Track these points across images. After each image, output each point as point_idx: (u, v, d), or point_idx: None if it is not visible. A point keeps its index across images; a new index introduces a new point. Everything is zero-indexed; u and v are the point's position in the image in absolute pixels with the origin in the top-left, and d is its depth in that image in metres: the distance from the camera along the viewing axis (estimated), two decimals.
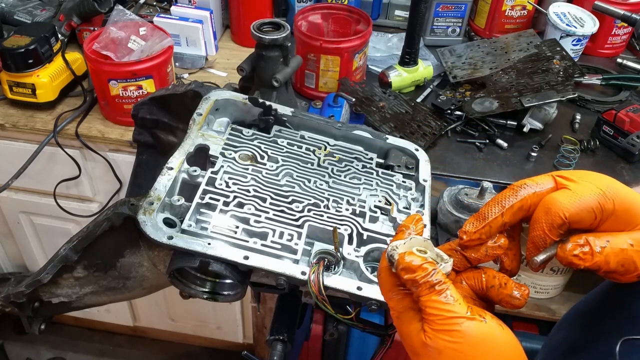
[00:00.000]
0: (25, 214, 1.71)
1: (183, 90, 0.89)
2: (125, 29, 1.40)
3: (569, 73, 1.37)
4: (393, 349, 0.84)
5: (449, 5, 1.64)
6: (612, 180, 0.54)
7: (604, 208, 0.51)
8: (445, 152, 1.33)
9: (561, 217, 0.51)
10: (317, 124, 0.88)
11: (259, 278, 0.74)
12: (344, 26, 1.51)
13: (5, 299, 0.79)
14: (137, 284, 0.82)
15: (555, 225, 0.51)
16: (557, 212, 0.51)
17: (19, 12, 1.60)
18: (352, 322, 0.71)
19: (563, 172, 0.55)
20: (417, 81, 1.51)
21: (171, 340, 2.26)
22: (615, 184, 0.53)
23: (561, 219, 0.51)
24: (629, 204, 0.52)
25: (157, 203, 0.69)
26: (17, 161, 1.40)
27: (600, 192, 0.52)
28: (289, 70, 1.17)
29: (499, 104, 1.34)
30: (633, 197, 0.53)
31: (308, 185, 0.78)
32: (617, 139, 1.32)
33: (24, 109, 1.44)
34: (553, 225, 0.51)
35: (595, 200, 0.51)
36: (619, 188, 0.53)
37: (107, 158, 1.46)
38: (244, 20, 1.66)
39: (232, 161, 0.79)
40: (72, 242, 0.73)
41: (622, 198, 0.52)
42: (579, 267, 0.51)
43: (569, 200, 0.51)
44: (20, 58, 1.33)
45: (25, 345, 2.22)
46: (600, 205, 0.51)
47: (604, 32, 1.65)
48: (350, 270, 0.70)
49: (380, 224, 0.76)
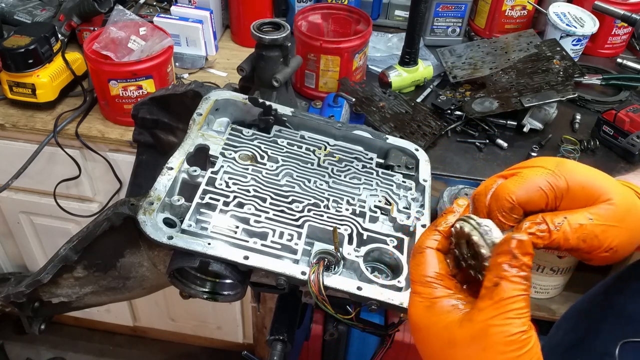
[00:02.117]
0: (25, 214, 1.71)
1: (183, 90, 0.89)
2: (125, 29, 1.40)
3: (569, 73, 1.37)
4: (393, 349, 0.84)
5: (449, 5, 1.64)
6: (564, 160, 0.54)
7: (555, 186, 0.51)
8: (445, 152, 1.33)
9: (509, 200, 0.51)
10: (317, 124, 0.88)
11: (259, 278, 0.74)
12: (344, 26, 1.51)
13: (5, 299, 0.79)
14: (137, 284, 0.82)
15: (505, 209, 0.51)
16: (504, 196, 0.51)
17: (19, 12, 1.60)
18: (352, 322, 0.71)
19: (519, 164, 0.55)
20: (417, 81, 1.51)
21: (171, 340, 2.26)
22: (567, 163, 0.53)
23: (509, 202, 0.51)
24: (584, 180, 0.52)
25: (157, 203, 0.69)
26: (17, 161, 1.40)
27: (548, 172, 0.52)
28: (289, 70, 1.17)
29: (499, 104, 1.34)
30: (588, 173, 0.53)
31: (308, 185, 0.78)
32: (617, 139, 1.32)
33: (24, 109, 1.44)
34: (504, 210, 0.51)
35: (543, 180, 0.51)
36: (572, 166, 0.53)
37: (107, 158, 1.46)
38: (244, 20, 1.66)
39: (232, 161, 0.79)
40: (72, 242, 0.73)
41: (575, 175, 0.52)
42: (537, 246, 0.50)
43: (515, 184, 0.51)
44: (20, 58, 1.33)
45: (25, 345, 2.22)
46: (550, 184, 0.51)
47: (604, 32, 1.65)
48: (350, 270, 0.70)
49: (380, 224, 0.76)
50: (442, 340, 0.45)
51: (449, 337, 0.45)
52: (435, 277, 0.48)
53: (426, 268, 0.49)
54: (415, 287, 0.49)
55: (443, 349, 0.45)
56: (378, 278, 0.67)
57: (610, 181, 0.53)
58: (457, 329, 0.44)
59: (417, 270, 0.49)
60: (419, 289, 0.48)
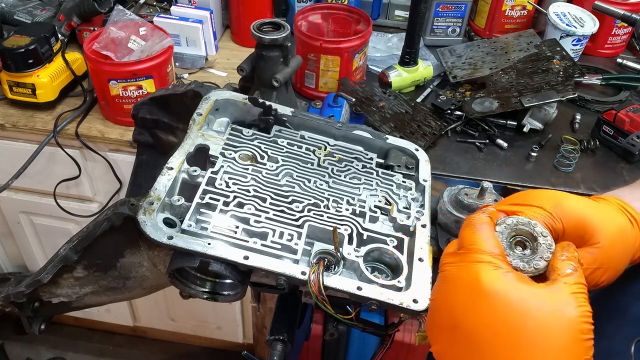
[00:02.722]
0: (25, 214, 1.71)
1: (183, 90, 0.89)
2: (125, 29, 1.40)
3: (569, 73, 1.37)
4: (393, 349, 0.84)
5: (449, 5, 1.64)
6: (560, 199, 0.57)
7: (553, 229, 0.55)
8: (445, 152, 1.33)
9: None
10: (317, 124, 0.88)
11: (259, 278, 0.74)
12: (344, 26, 1.51)
13: (5, 299, 0.79)
14: (137, 284, 0.82)
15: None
16: None
17: (19, 12, 1.60)
18: (352, 322, 0.71)
19: (515, 196, 0.59)
20: (417, 81, 1.51)
21: (171, 340, 2.26)
22: (563, 202, 0.57)
23: None
24: (578, 221, 0.56)
25: (157, 203, 0.69)
26: (17, 161, 1.40)
27: (547, 215, 0.55)
28: (289, 70, 1.17)
29: (499, 104, 1.34)
30: (581, 212, 0.56)
31: (308, 185, 0.78)
32: (617, 139, 1.32)
33: (24, 109, 1.44)
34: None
35: (542, 222, 0.55)
36: (567, 206, 0.56)
37: (107, 158, 1.46)
38: (244, 20, 1.66)
39: (232, 161, 0.79)
40: (72, 242, 0.73)
41: (570, 216, 0.56)
42: None
43: None
44: (20, 58, 1.33)
45: (25, 345, 2.22)
46: (548, 227, 0.55)
47: (604, 32, 1.65)
48: (350, 270, 0.70)
49: (380, 224, 0.76)
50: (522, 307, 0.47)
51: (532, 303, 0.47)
52: (501, 252, 0.51)
53: (493, 242, 0.52)
54: (483, 256, 0.50)
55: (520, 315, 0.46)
56: (378, 278, 0.67)
57: (601, 220, 0.56)
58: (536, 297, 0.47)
59: (486, 242, 0.51)
60: (489, 259, 0.50)
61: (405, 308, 0.63)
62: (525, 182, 1.27)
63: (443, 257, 0.55)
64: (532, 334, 0.45)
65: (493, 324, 0.47)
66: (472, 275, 0.49)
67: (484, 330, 0.47)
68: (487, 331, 0.47)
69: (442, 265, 0.54)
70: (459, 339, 0.49)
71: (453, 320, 0.50)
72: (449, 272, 0.52)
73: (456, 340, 0.49)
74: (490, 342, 0.47)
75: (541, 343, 0.45)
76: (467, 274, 0.50)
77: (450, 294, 0.51)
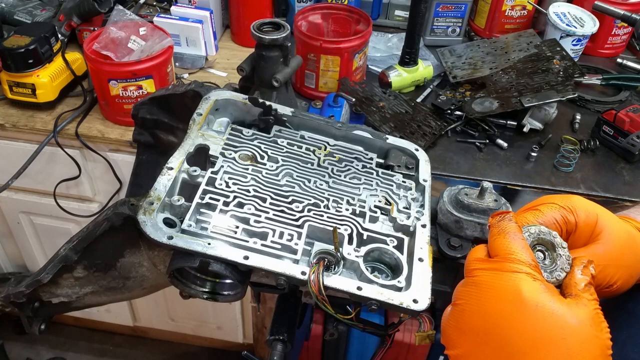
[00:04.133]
0: (25, 214, 1.71)
1: (183, 90, 0.89)
2: (125, 29, 1.40)
3: (569, 73, 1.37)
4: (393, 349, 0.85)
5: (449, 5, 1.64)
6: (571, 196, 0.61)
7: (568, 221, 0.58)
8: (445, 152, 1.33)
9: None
10: (317, 124, 0.88)
11: (259, 278, 0.74)
12: (344, 26, 1.51)
13: (5, 299, 0.79)
14: (137, 284, 0.82)
15: None
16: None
17: (19, 12, 1.60)
18: (352, 322, 0.71)
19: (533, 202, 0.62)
20: (417, 81, 1.51)
21: (171, 340, 2.26)
22: (574, 199, 0.60)
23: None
24: (588, 214, 0.58)
25: (157, 203, 0.69)
26: (17, 161, 1.40)
27: (561, 208, 0.59)
28: (289, 70, 1.17)
29: (499, 104, 1.34)
30: (592, 208, 0.59)
31: (308, 185, 0.78)
32: (617, 139, 1.32)
33: (24, 109, 1.44)
34: None
35: (558, 214, 0.58)
36: (578, 201, 0.59)
37: (107, 158, 1.46)
38: (244, 20, 1.66)
39: (232, 161, 0.79)
40: (72, 242, 0.73)
41: (581, 210, 0.59)
42: None
43: (534, 217, 0.59)
44: (20, 58, 1.33)
45: (25, 345, 2.23)
46: (563, 218, 0.58)
47: (604, 32, 1.65)
48: (350, 270, 0.70)
49: (380, 224, 0.76)
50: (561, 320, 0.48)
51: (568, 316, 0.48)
52: (535, 263, 0.52)
53: (529, 253, 0.53)
54: (522, 267, 0.51)
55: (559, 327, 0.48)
56: (378, 278, 0.67)
57: (611, 219, 0.59)
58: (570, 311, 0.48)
59: (523, 253, 0.52)
60: (528, 270, 0.51)
61: (405, 308, 0.63)
62: (525, 182, 1.27)
63: (472, 262, 0.55)
64: (568, 347, 0.47)
65: (531, 334, 0.48)
66: (512, 285, 0.50)
67: (521, 340, 0.48)
68: (524, 341, 0.48)
69: (471, 270, 0.54)
70: (490, 345, 0.49)
71: (485, 327, 0.50)
72: (483, 279, 0.52)
73: (485, 347, 0.50)
74: (526, 352, 0.48)
75: (576, 355, 0.47)
76: (506, 283, 0.51)
77: (486, 300, 0.51)
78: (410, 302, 0.63)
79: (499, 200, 0.72)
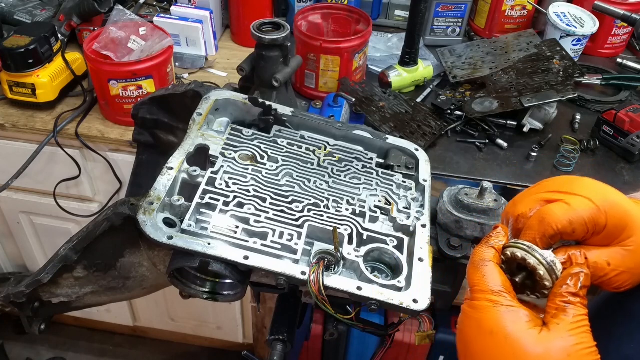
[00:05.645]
0: (25, 214, 1.71)
1: (183, 90, 0.89)
2: (125, 29, 1.40)
3: (569, 73, 1.37)
4: (393, 349, 0.85)
5: (449, 5, 1.64)
6: (607, 191, 0.55)
7: (597, 222, 0.53)
8: (445, 152, 1.33)
9: (554, 228, 0.53)
10: (317, 124, 0.88)
11: (259, 278, 0.74)
12: (344, 26, 1.51)
13: (5, 299, 0.79)
14: (137, 284, 0.82)
15: (547, 234, 0.54)
16: (550, 223, 0.53)
17: (19, 12, 1.60)
18: (352, 322, 0.71)
19: (555, 182, 0.57)
20: (417, 81, 1.51)
21: (171, 340, 2.26)
22: (610, 196, 0.55)
23: (554, 230, 0.53)
24: (621, 217, 0.54)
25: (157, 203, 0.69)
26: (17, 161, 1.40)
27: (594, 208, 0.53)
28: (289, 70, 1.17)
29: (499, 104, 1.34)
30: (626, 210, 0.54)
31: (308, 185, 0.78)
32: (617, 139, 1.32)
33: (24, 109, 1.44)
34: (545, 235, 0.54)
35: (589, 215, 0.53)
36: (613, 200, 0.54)
37: (107, 158, 1.46)
38: (244, 20, 1.66)
39: (232, 161, 0.79)
40: (72, 242, 0.73)
41: (615, 211, 0.54)
42: None
43: (563, 213, 0.53)
44: (20, 58, 1.33)
45: (25, 345, 2.23)
46: (594, 221, 0.53)
47: (604, 32, 1.65)
48: (350, 270, 0.70)
49: (380, 224, 0.76)
50: (520, 346, 0.47)
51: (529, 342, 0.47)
52: (504, 288, 0.51)
53: (495, 279, 0.51)
54: (484, 296, 0.51)
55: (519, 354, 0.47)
56: (378, 278, 0.67)
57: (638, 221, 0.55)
58: (536, 336, 0.47)
59: (485, 281, 0.52)
60: (490, 297, 0.50)
61: (405, 308, 0.63)
62: (525, 182, 1.27)
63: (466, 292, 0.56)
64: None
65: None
66: (476, 316, 0.51)
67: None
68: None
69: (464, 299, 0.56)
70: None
71: (465, 354, 0.52)
72: (463, 309, 0.54)
73: None
74: None
75: None
76: (472, 314, 0.51)
77: (462, 330, 0.53)
78: (410, 302, 0.63)
79: (499, 200, 0.72)
